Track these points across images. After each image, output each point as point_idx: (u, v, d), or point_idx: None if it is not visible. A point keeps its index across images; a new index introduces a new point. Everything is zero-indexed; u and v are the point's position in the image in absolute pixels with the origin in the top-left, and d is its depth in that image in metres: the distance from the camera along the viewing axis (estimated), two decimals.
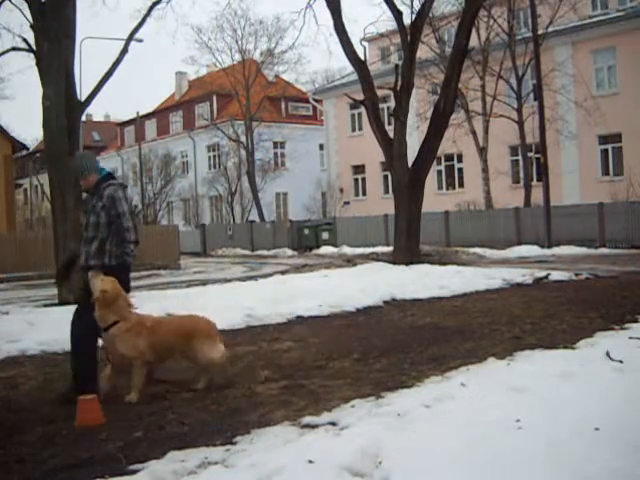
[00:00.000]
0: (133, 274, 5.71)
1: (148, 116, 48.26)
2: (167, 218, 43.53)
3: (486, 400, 4.17)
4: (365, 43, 28.58)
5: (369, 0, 47.37)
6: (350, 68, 25.08)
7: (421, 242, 16.90)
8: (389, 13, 17.42)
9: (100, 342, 5.18)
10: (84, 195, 6.31)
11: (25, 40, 12.89)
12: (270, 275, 15.57)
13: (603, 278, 12.40)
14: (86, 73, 66.37)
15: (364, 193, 34.71)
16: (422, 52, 20.91)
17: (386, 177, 30.03)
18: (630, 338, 5.95)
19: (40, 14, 11.91)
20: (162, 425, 4.37)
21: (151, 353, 5.06)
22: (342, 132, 35.37)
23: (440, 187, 31.16)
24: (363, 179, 34.75)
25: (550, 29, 23.89)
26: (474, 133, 25.66)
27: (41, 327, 8.48)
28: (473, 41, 18.07)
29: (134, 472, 3.48)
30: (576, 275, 12.62)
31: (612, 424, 3.57)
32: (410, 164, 16.15)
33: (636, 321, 7.21)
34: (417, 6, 18.25)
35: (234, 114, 39.00)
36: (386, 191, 30.67)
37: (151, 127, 48.81)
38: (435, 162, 21.91)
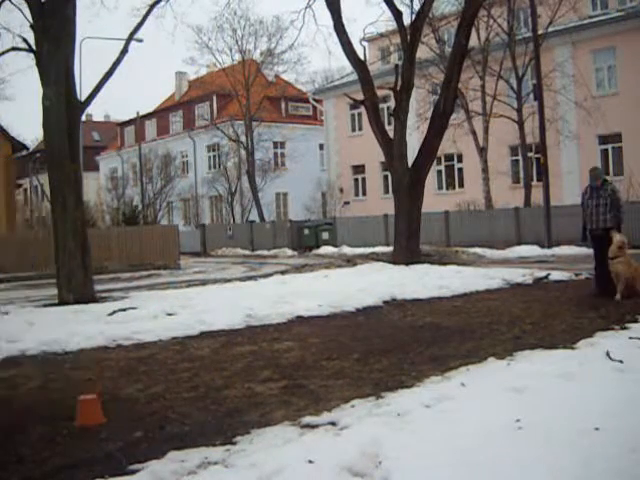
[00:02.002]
0: (132, 274, 5.71)
1: (148, 116, 48.24)
2: (167, 218, 43.52)
3: (486, 400, 4.18)
4: (365, 43, 28.58)
5: (369, 0, 47.29)
6: (350, 68, 25.11)
7: (421, 242, 16.90)
8: (389, 13, 17.43)
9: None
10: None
11: (25, 40, 12.89)
12: (270, 275, 15.57)
13: None
14: (86, 73, 66.49)
15: (364, 193, 34.71)
16: (422, 52, 20.91)
17: (386, 177, 30.02)
18: (630, 338, 5.96)
19: (40, 14, 11.90)
20: (162, 425, 4.37)
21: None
22: (342, 132, 35.36)
23: (440, 187, 31.16)
24: (363, 179, 34.75)
25: (550, 29, 23.87)
26: (474, 133, 25.65)
27: (41, 327, 8.48)
28: (473, 41, 18.08)
29: (134, 472, 3.49)
30: (576, 275, 12.62)
31: (612, 424, 3.57)
32: (410, 164, 16.15)
33: (636, 321, 7.21)
34: (417, 6, 18.27)
35: (234, 114, 39.01)
36: (386, 191, 30.66)
37: (151, 127, 48.80)
38: (435, 162, 21.91)
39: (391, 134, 16.33)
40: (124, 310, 9.62)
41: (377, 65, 30.21)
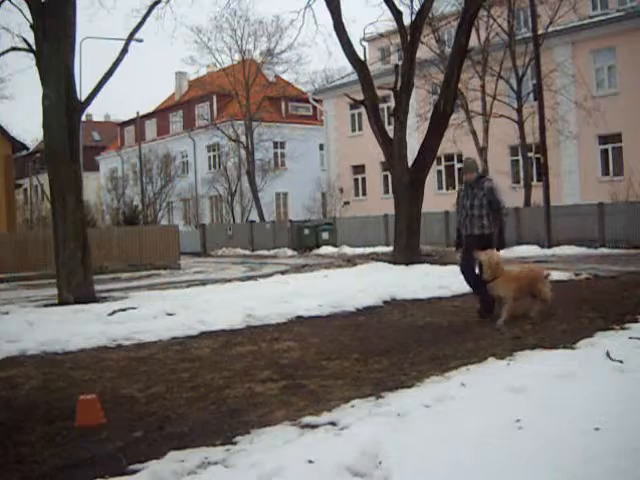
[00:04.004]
0: (132, 274, 5.72)
1: (148, 116, 48.24)
2: (167, 218, 43.51)
3: (486, 400, 4.18)
4: (365, 43, 28.54)
5: (369, 0, 47.24)
6: (350, 68, 25.10)
7: (421, 242, 16.89)
8: (389, 13, 17.43)
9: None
10: None
11: (25, 40, 12.89)
12: (270, 275, 15.56)
13: (603, 278, 12.38)
14: (86, 73, 66.47)
15: (364, 193, 34.71)
16: (422, 52, 20.91)
17: (386, 177, 30.02)
18: (630, 338, 5.95)
19: (40, 14, 11.90)
20: (162, 425, 4.37)
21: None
22: (342, 132, 35.35)
23: (440, 187, 31.15)
24: (363, 179, 34.75)
25: (550, 29, 23.87)
26: (474, 133, 25.65)
27: (41, 327, 8.48)
28: (473, 41, 18.09)
29: (134, 472, 3.48)
30: (576, 275, 12.61)
31: (612, 424, 3.57)
32: (410, 164, 16.15)
33: (636, 321, 7.20)
34: (417, 6, 18.27)
35: (234, 114, 39.01)
36: (386, 191, 30.66)
37: (151, 127, 48.80)
38: (435, 162, 21.90)
39: (391, 134, 16.33)
40: (124, 310, 9.61)
41: (377, 65, 30.20)
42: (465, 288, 11.10)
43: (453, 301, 10.06)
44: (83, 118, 14.52)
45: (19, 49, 13.18)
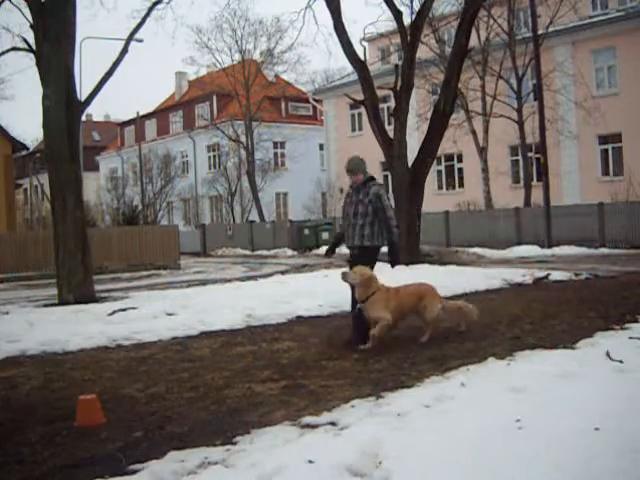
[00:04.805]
0: (132, 274, 5.73)
1: (148, 116, 48.25)
2: (167, 218, 43.52)
3: (486, 400, 4.18)
4: (365, 43, 28.58)
5: (369, 0, 47.28)
6: (350, 68, 25.11)
7: (421, 242, 16.89)
8: (389, 13, 17.43)
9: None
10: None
11: (25, 40, 12.89)
12: (270, 275, 15.57)
13: (603, 278, 12.39)
14: (86, 73, 66.52)
15: None
16: (422, 52, 20.91)
17: (386, 177, 29.97)
18: (630, 338, 5.95)
19: (40, 14, 11.90)
20: (162, 425, 4.37)
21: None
22: (342, 132, 35.36)
23: (440, 187, 31.16)
24: None
25: (550, 29, 23.88)
26: (474, 133, 25.65)
27: (41, 327, 8.49)
28: (473, 41, 18.07)
29: (134, 472, 3.48)
30: (576, 275, 12.61)
31: (612, 424, 3.57)
32: (410, 164, 16.15)
33: (636, 321, 7.20)
34: (417, 6, 18.26)
35: (234, 114, 39.01)
36: (386, 191, 30.64)
37: (151, 127, 48.80)
38: (435, 162, 21.92)
39: (391, 134, 16.33)
40: (124, 310, 9.61)
41: (377, 65, 30.21)
42: (465, 288, 11.15)
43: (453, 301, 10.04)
44: (83, 118, 14.52)
45: (19, 49, 13.19)
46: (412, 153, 16.17)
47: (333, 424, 4.02)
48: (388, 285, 6.69)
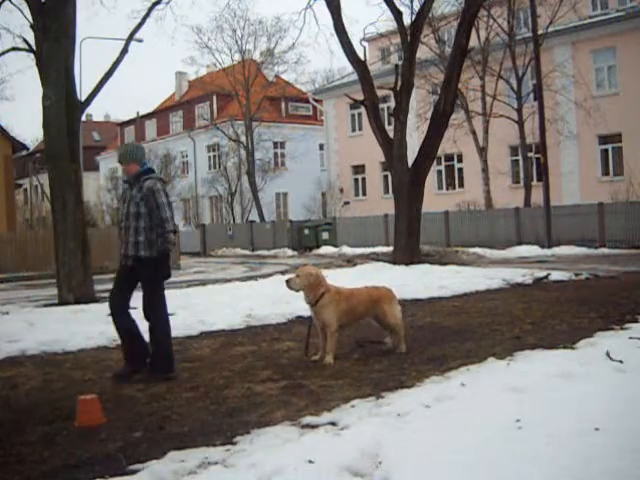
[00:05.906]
0: None
1: (148, 116, 48.23)
2: None
3: (486, 400, 4.18)
4: (365, 43, 28.57)
5: (369, 0, 47.23)
6: (350, 68, 25.09)
7: (421, 242, 16.90)
8: (389, 13, 17.45)
9: None
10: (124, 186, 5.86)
11: (25, 40, 12.90)
12: (270, 275, 15.56)
13: (603, 278, 12.40)
14: (86, 73, 66.49)
15: (364, 193, 34.71)
16: (422, 52, 20.92)
17: (386, 177, 30.03)
18: (630, 338, 5.95)
19: (40, 14, 11.90)
20: (162, 425, 4.37)
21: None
22: (342, 132, 35.36)
23: (440, 187, 31.17)
24: (363, 179, 34.76)
25: (550, 29, 23.89)
26: (474, 133, 25.66)
27: (41, 327, 8.48)
28: (473, 41, 18.09)
29: (134, 472, 3.48)
30: (576, 275, 12.62)
31: (612, 424, 3.57)
32: (410, 164, 16.15)
33: (636, 321, 7.21)
34: (417, 6, 18.29)
35: (234, 114, 39.00)
36: (386, 191, 30.67)
37: (151, 127, 48.80)
38: (435, 162, 21.92)
39: (391, 134, 16.33)
40: None
41: (377, 65, 30.22)
42: (465, 288, 11.16)
43: (453, 301, 10.06)
44: (83, 118, 14.52)
45: (19, 49, 13.20)
46: (412, 153, 16.18)
47: (333, 424, 4.02)
48: (339, 286, 6.30)
